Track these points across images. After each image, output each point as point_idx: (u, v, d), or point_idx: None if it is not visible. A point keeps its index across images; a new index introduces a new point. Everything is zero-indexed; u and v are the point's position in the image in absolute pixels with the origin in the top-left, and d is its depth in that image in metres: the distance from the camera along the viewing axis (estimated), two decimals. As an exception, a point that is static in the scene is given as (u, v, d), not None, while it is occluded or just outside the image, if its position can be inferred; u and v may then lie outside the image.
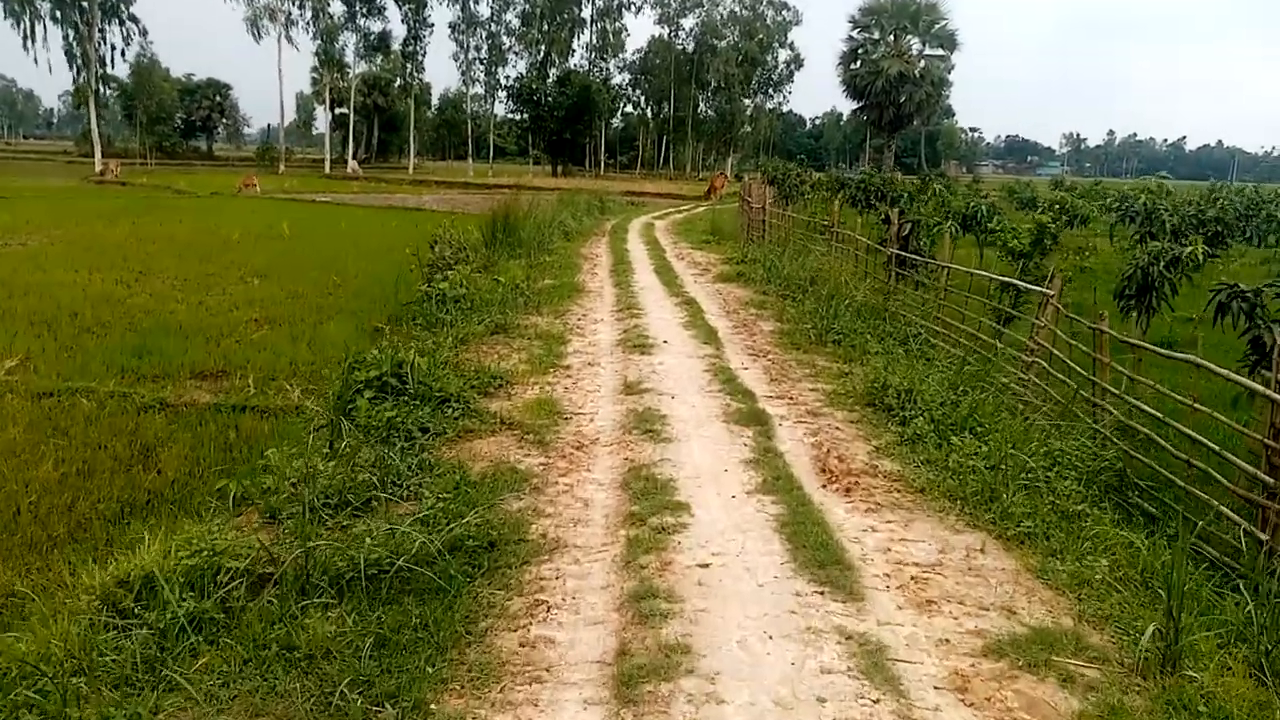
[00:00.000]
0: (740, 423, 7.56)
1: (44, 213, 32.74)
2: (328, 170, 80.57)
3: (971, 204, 19.60)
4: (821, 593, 4.50)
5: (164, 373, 12.27)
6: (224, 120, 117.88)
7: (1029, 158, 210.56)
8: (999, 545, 5.28)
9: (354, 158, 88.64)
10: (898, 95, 70.53)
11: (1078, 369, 8.43)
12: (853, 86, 73.59)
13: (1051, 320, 10.15)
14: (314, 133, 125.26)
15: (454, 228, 17.68)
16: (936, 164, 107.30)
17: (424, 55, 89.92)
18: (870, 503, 5.94)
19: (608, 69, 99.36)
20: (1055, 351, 9.43)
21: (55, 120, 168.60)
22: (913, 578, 4.73)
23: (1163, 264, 11.03)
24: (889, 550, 5.12)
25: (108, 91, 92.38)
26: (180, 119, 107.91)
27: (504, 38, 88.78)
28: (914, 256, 15.23)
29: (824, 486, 6.26)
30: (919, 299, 12.97)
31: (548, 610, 4.40)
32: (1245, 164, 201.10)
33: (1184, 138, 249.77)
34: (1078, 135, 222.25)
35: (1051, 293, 10.13)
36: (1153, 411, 6.90)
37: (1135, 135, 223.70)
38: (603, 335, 11.20)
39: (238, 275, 20.10)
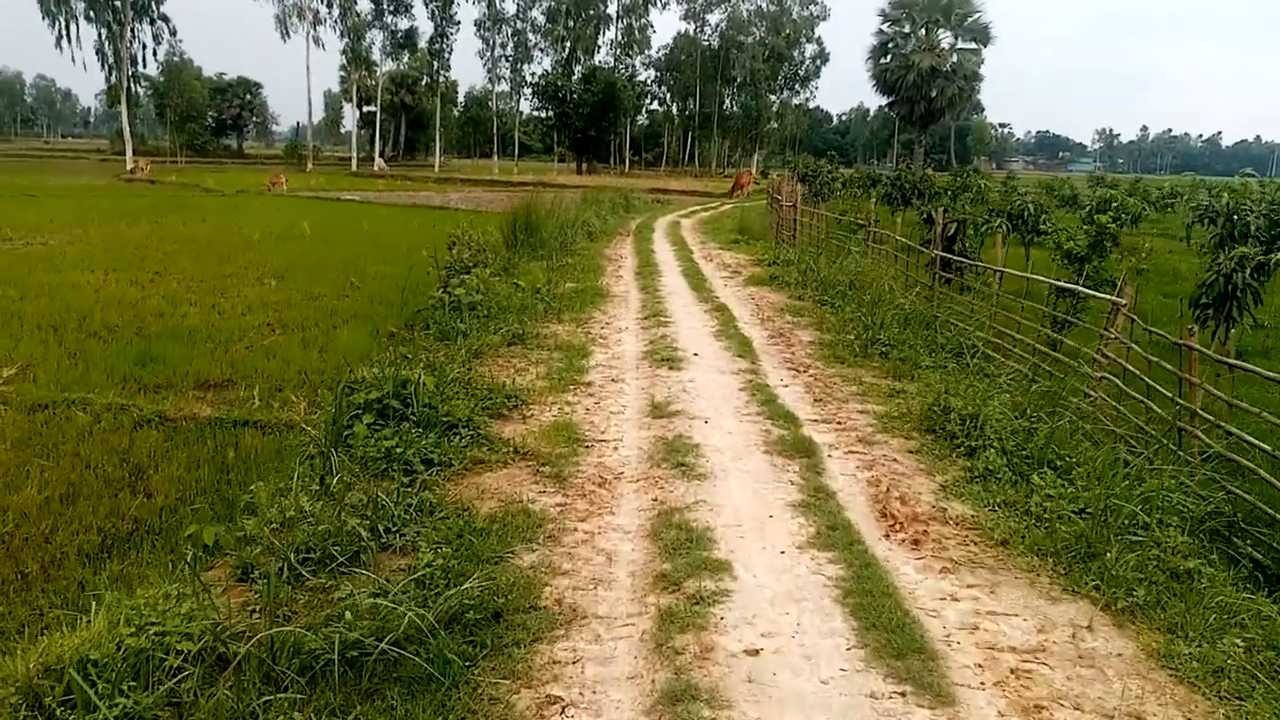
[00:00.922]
0: (784, 454, 6.67)
1: (69, 211, 32.47)
2: (354, 168, 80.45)
3: (1018, 202, 18.52)
4: (902, 693, 3.61)
5: (167, 382, 11.61)
6: (254, 119, 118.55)
7: (1060, 153, 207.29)
8: (1108, 620, 4.37)
9: (381, 155, 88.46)
10: (929, 90, 69.09)
11: (1160, 390, 7.48)
12: (883, 81, 72.20)
13: (1122, 331, 9.21)
14: (342, 131, 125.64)
15: (473, 228, 16.92)
16: (966, 160, 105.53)
17: (450, 53, 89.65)
18: (944, 559, 5.05)
19: (633, 66, 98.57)
20: (1129, 368, 8.47)
21: (92, 119, 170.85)
22: (1012, 670, 3.84)
23: (1248, 270, 10.00)
24: (977, 628, 4.22)
25: (140, 90, 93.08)
26: (212, 117, 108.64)
27: (529, 35, 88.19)
28: (961, 259, 14.26)
29: (887, 536, 5.37)
30: (967, 305, 12.01)
31: (562, 712, 3.56)
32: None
33: (1219, 133, 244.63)
34: (1110, 131, 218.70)
35: (1123, 301, 9.17)
36: (1261, 445, 5.96)
37: (1170, 130, 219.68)
38: (628, 346, 10.35)
39: (255, 276, 19.53)
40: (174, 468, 8.55)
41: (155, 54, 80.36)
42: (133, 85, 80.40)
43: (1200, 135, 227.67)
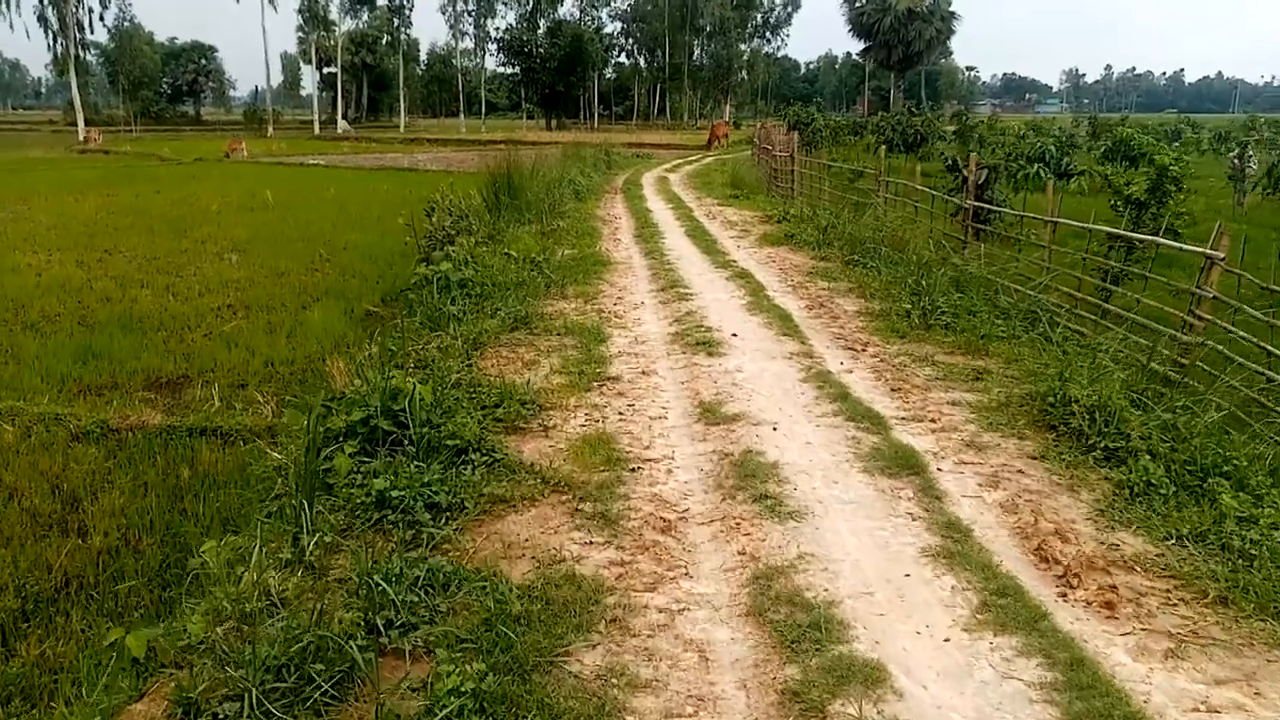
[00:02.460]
0: (886, 471, 5.24)
1: (13, 186, 30.32)
2: (317, 131, 77.68)
3: (1037, 144, 17.08)
4: None
5: (112, 382, 10.02)
6: (210, 84, 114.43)
7: (1027, 95, 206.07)
8: None
9: (344, 117, 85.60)
10: (907, 33, 67.20)
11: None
12: (859, 25, 70.21)
13: (1216, 288, 7.85)
14: (302, 94, 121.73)
15: (452, 191, 15.26)
16: (937, 105, 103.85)
17: (411, 9, 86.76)
18: (1158, 633, 3.66)
19: (599, 18, 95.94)
20: (1237, 333, 7.14)
21: (43, 90, 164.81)
22: None
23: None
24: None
25: (90, 58, 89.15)
26: (166, 84, 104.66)
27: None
28: (999, 209, 12.83)
29: (1063, 595, 3.98)
30: (1009, 260, 10.60)
31: None
32: (1247, 95, 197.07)
33: (1182, 70, 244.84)
34: (1076, 71, 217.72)
35: (1220, 254, 7.80)
36: None
37: (1134, 69, 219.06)
38: (650, 326, 8.84)
39: (214, 252, 17.81)
40: (115, 496, 7.05)
41: (103, 19, 76.81)
42: (81, 52, 76.91)
43: (1164, 73, 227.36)
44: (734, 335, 8.22)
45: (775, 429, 5.87)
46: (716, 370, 7.21)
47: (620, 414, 6.32)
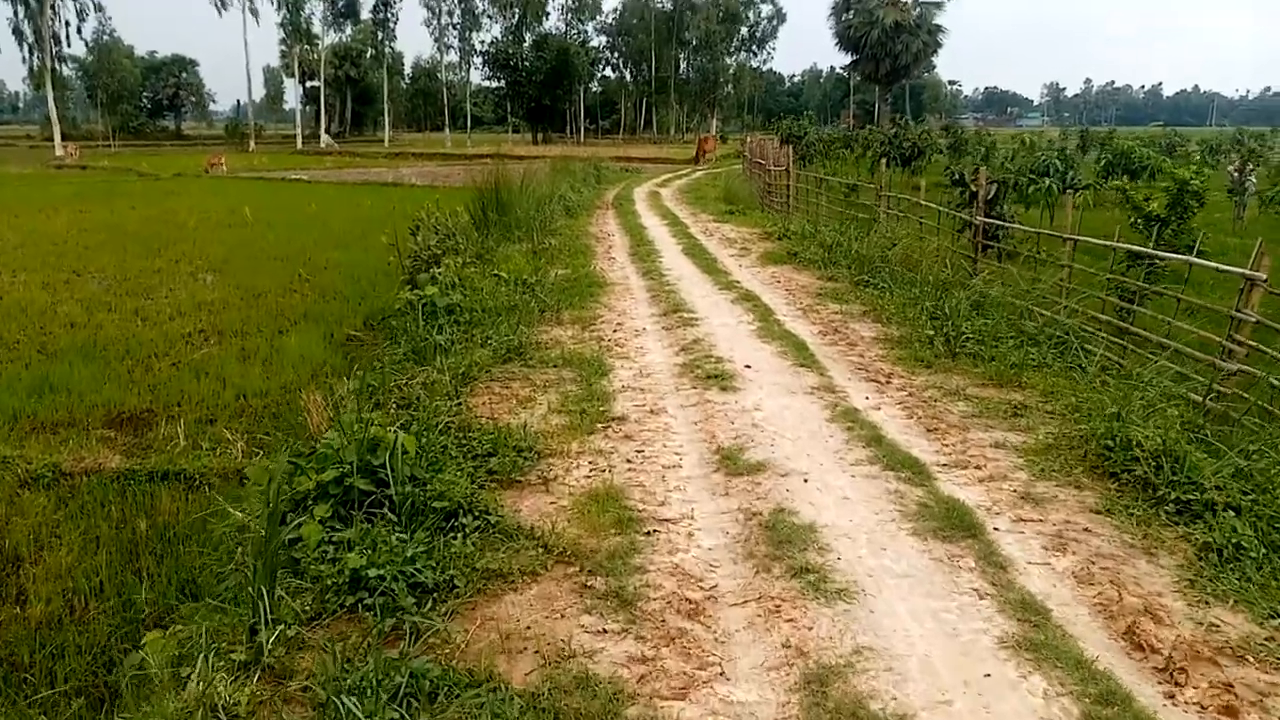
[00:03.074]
0: (938, 534, 4.58)
1: (-18, 204, 29.48)
2: (300, 146, 76.91)
3: (1042, 158, 16.56)
4: None
5: (69, 418, 9.26)
6: (191, 98, 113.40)
7: (1008, 109, 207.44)
8: None
9: (327, 132, 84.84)
10: (894, 46, 67.05)
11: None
12: (846, 39, 70.05)
13: (1257, 310, 7.28)
14: (286, 108, 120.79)
15: (438, 209, 14.57)
16: (921, 118, 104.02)
17: (395, 22, 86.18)
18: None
19: (585, 31, 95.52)
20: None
21: (21, 105, 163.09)
22: None
23: None
24: None
25: (68, 71, 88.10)
26: (147, 98, 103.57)
27: (477, 1, 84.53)
28: (1014, 225, 12.28)
29: (1171, 698, 3.32)
30: (1033, 280, 10.01)
31: None
32: (1223, 108, 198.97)
33: (1160, 83, 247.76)
34: (1057, 85, 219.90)
35: (1262, 275, 7.22)
36: None
37: (1113, 83, 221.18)
38: (654, 356, 8.16)
39: (188, 271, 17.07)
40: (62, 553, 6.32)
41: (80, 32, 75.89)
42: (58, 66, 75.90)
43: (1142, 86, 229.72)
44: (747, 367, 7.55)
45: (806, 481, 5.20)
46: (732, 408, 6.53)
47: (629, 462, 5.63)
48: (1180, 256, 9.05)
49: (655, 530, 4.70)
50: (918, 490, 5.07)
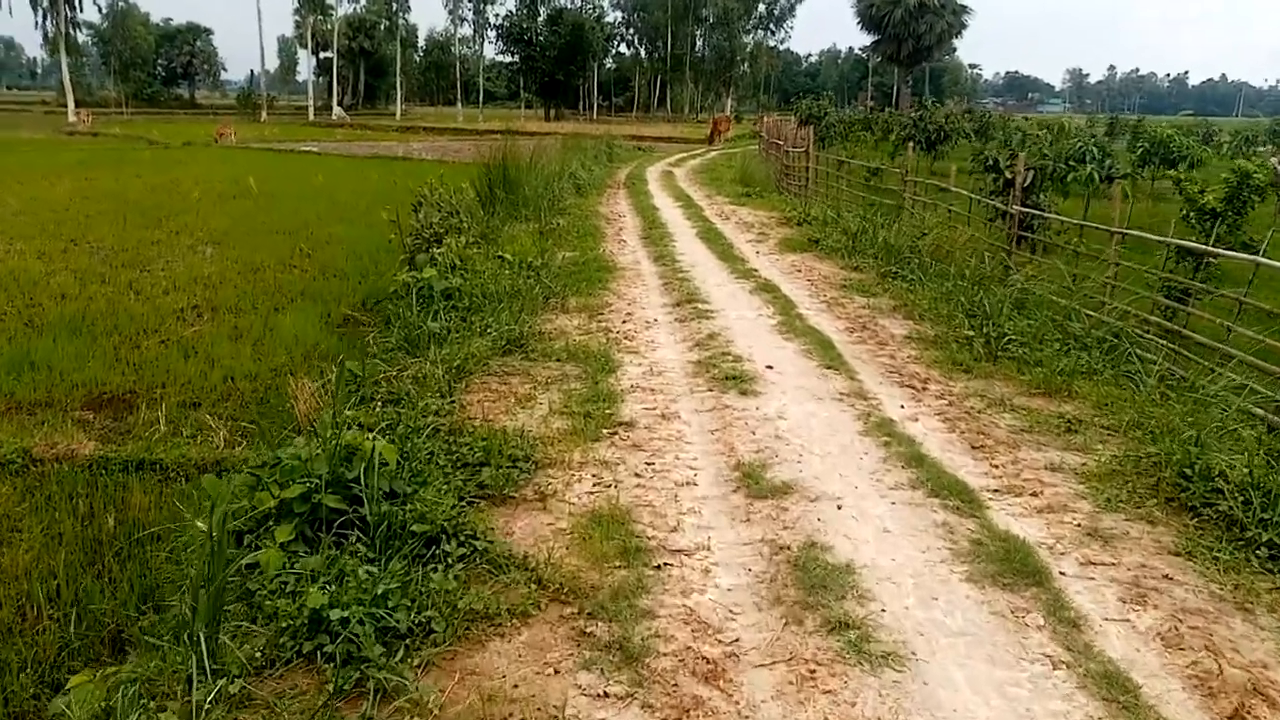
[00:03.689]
0: (997, 580, 3.92)
1: (-13, 168, 28.96)
2: (312, 117, 76.26)
3: (1077, 144, 15.77)
4: None
5: (47, 398, 8.70)
6: (205, 67, 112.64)
7: (1029, 94, 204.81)
8: None
9: (339, 103, 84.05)
10: (917, 26, 65.70)
11: None
12: (868, 18, 68.72)
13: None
14: (299, 79, 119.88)
15: (442, 185, 13.90)
16: (940, 101, 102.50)
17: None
18: None
19: (600, 6, 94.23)
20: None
21: (39, 70, 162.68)
22: None
23: None
24: None
25: (83, 38, 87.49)
26: (161, 66, 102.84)
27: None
28: (1053, 216, 11.53)
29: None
30: (1082, 276, 9.29)
31: None
32: (1251, 98, 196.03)
33: (1186, 72, 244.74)
34: (1080, 71, 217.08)
35: (1337, 278, 6.52)
36: None
37: (1137, 70, 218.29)
38: (666, 351, 7.50)
39: (187, 244, 16.49)
40: (21, 551, 5.76)
41: (95, -2, 75.21)
42: (72, 31, 75.27)
43: (1167, 74, 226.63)
44: (769, 367, 6.88)
45: (840, 507, 4.55)
46: (753, 415, 5.88)
47: (637, 476, 4.99)
48: (1247, 256, 8.32)
49: (666, 564, 4.06)
50: (969, 523, 4.42)
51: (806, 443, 5.38)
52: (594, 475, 5.00)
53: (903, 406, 6.20)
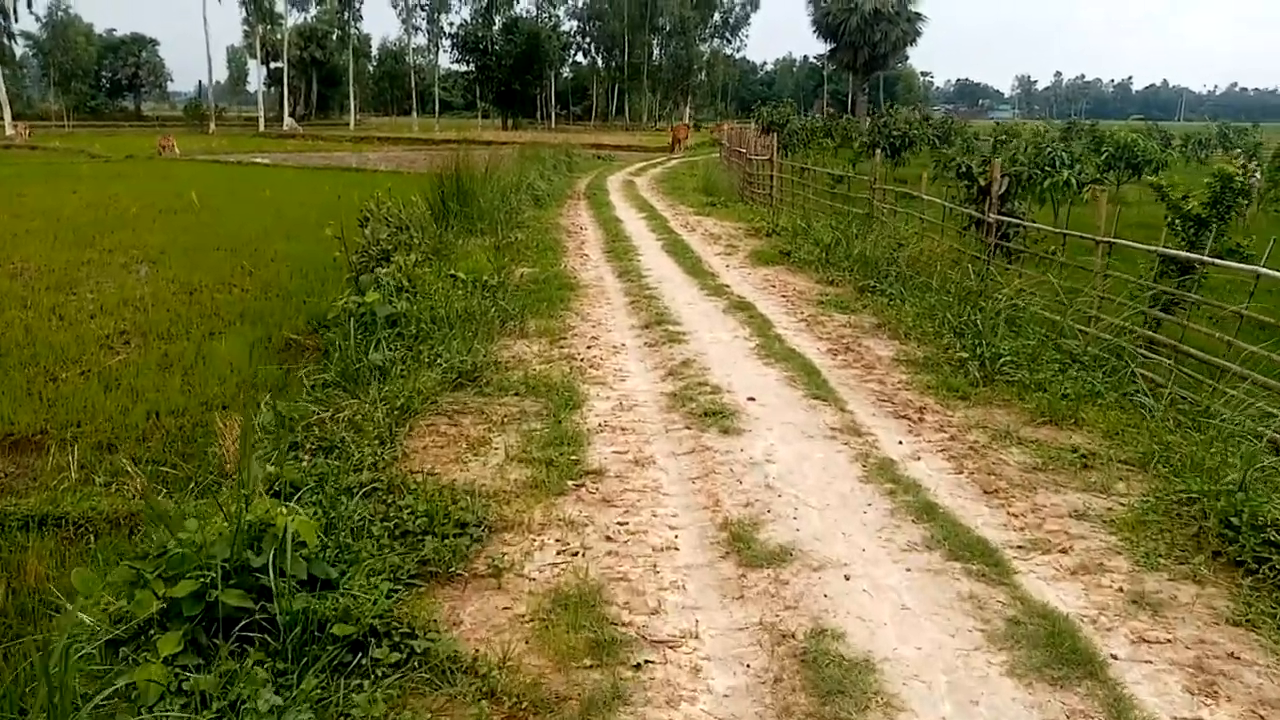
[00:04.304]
0: (1044, 675, 3.26)
1: (-92, 188, 27.50)
2: (262, 128, 74.57)
3: (1046, 150, 15.39)
4: None
5: (-57, 444, 7.82)
6: (151, 78, 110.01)
7: (979, 101, 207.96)
8: None
9: (291, 114, 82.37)
10: (873, 34, 65.82)
11: None
12: (824, 26, 68.76)
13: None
14: (249, 89, 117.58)
15: (391, 197, 13.11)
16: (894, 109, 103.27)
17: (361, 2, 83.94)
18: None
19: (556, 15, 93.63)
20: None
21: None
22: None
23: None
24: None
25: (20, 49, 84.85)
26: (106, 78, 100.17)
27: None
28: (1032, 224, 11.06)
29: None
30: (1064, 288, 8.76)
31: None
32: (1192, 103, 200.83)
33: (1130, 78, 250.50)
34: (1029, 78, 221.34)
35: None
36: None
37: (1083, 76, 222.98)
38: (637, 381, 6.79)
39: (121, 263, 15.49)
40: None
41: (30, 6, 72.97)
42: (7, 42, 73.00)
43: (1112, 80, 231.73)
44: (751, 399, 6.20)
45: (848, 578, 3.87)
46: (737, 459, 5.19)
47: (609, 539, 4.28)
48: (1247, 267, 7.83)
49: (648, 661, 3.35)
50: (998, 594, 3.77)
51: (801, 493, 4.71)
52: (558, 540, 4.28)
53: (901, 442, 5.56)
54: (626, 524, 4.44)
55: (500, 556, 4.10)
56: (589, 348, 7.69)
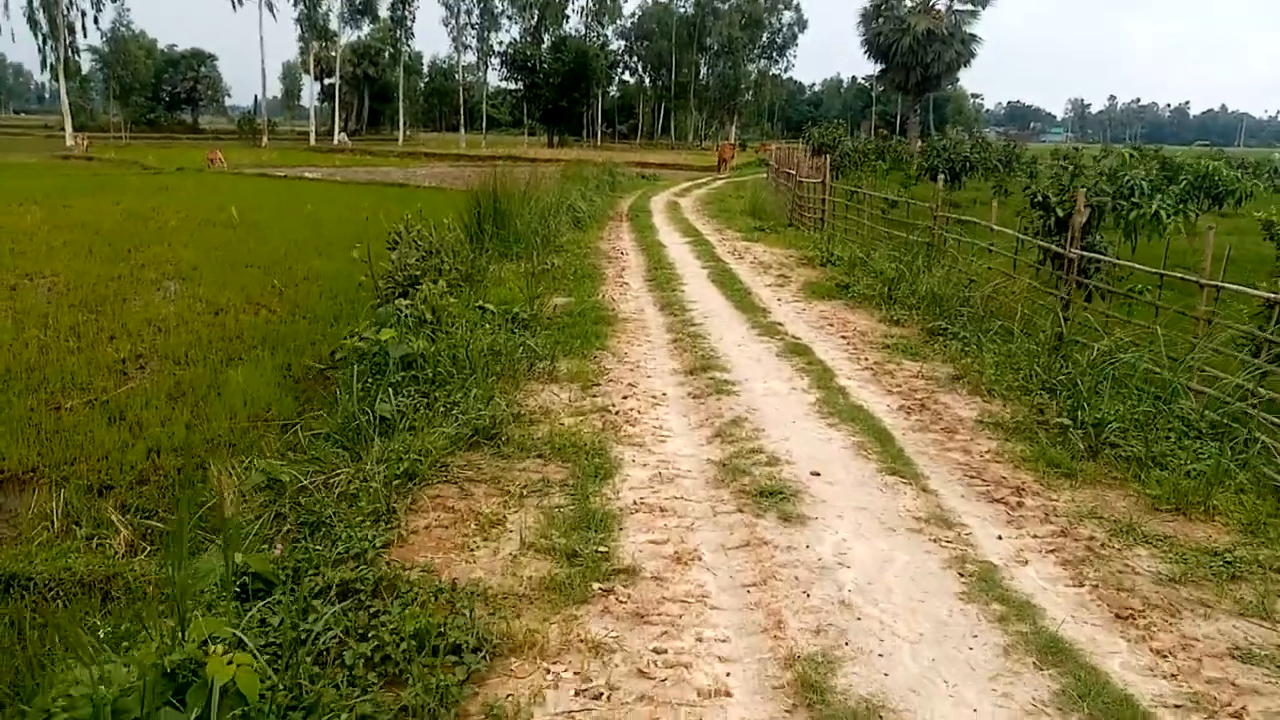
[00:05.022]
0: None
1: (-42, 195, 27.60)
2: (313, 142, 75.27)
3: (1125, 178, 14.21)
4: None
5: (-77, 484, 7.14)
6: (209, 92, 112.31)
7: (1030, 124, 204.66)
8: None
9: (344, 129, 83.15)
10: (925, 55, 64.37)
11: None
12: (875, 47, 67.44)
13: None
14: (303, 104, 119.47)
15: (423, 219, 12.39)
16: (941, 131, 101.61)
17: (413, 20, 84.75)
18: None
19: (604, 34, 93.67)
20: None
21: (46, 95, 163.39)
22: None
23: None
24: None
25: (88, 62, 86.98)
26: (166, 91, 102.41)
27: (496, 1, 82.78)
28: (1120, 261, 9.98)
29: None
30: (1160, 335, 7.64)
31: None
32: (1252, 128, 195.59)
33: (1187, 102, 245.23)
34: (1082, 101, 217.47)
35: None
36: None
37: (1139, 100, 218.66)
38: (679, 444, 5.87)
39: (151, 279, 14.96)
40: None
41: (97, 23, 74.70)
42: (73, 56, 74.60)
43: (1168, 105, 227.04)
44: (815, 474, 5.24)
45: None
46: (802, 558, 4.24)
47: (642, 675, 3.35)
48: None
49: None
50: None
51: (886, 615, 3.74)
52: (577, 674, 3.36)
53: (1000, 537, 4.56)
54: (665, 651, 3.51)
55: (500, 699, 3.19)
56: (625, 397, 6.78)
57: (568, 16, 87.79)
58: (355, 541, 4.20)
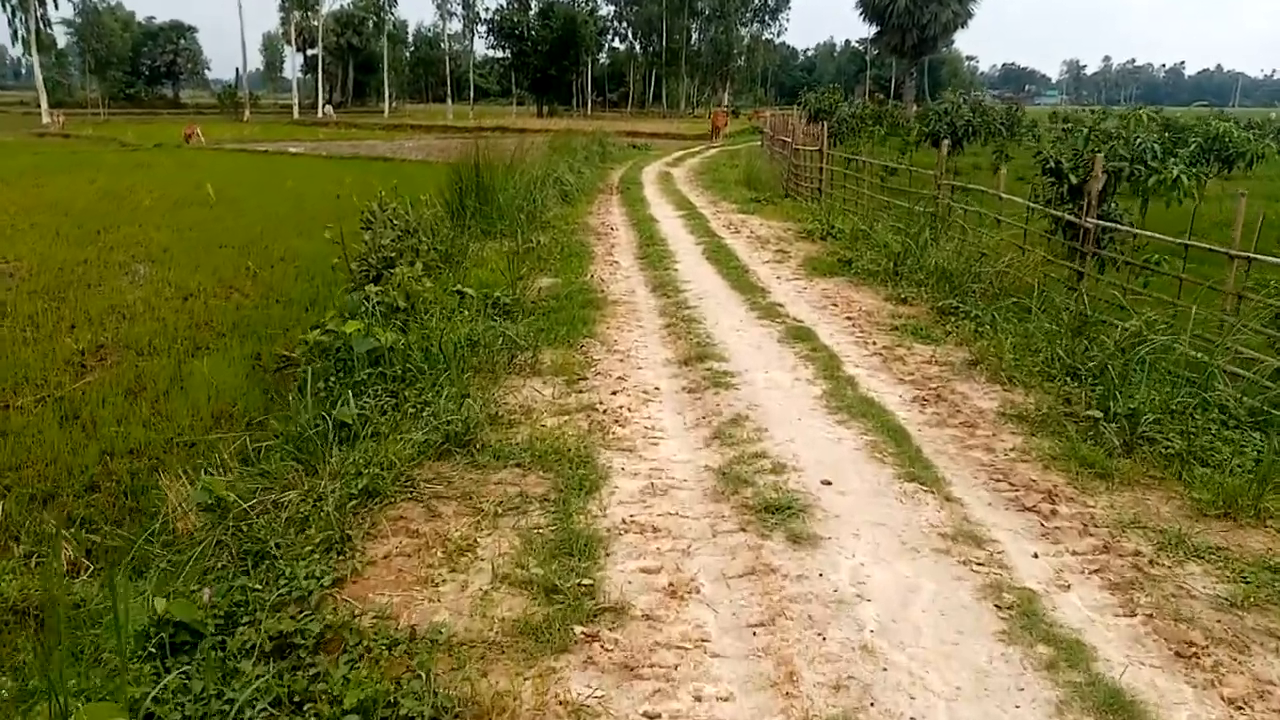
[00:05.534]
0: None
1: (-83, 177, 26.77)
2: (296, 116, 73.89)
3: (1139, 142, 13.56)
4: None
5: None
6: (189, 66, 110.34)
7: (1025, 86, 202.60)
8: None
9: (329, 102, 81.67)
10: (922, 16, 63.30)
11: None
12: (871, 8, 66.36)
13: None
14: (285, 76, 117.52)
15: (398, 196, 11.74)
16: (935, 95, 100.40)
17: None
18: None
19: (593, 0, 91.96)
20: None
21: (22, 70, 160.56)
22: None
23: None
24: None
25: (63, 37, 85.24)
26: (145, 65, 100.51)
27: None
28: (1138, 231, 9.42)
29: None
30: (1201, 316, 7.07)
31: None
32: (1247, 88, 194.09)
33: (1182, 62, 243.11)
34: (1077, 62, 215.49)
35: None
36: None
37: (1133, 61, 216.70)
38: (673, 447, 5.30)
39: (119, 261, 14.35)
40: None
41: (67, -7, 73.08)
42: (44, 29, 72.89)
43: (1163, 65, 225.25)
44: (825, 484, 4.69)
45: None
46: (815, 590, 3.69)
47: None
48: None
49: None
50: None
51: (915, 663, 3.20)
52: (553, 752, 2.82)
53: (1036, 555, 4.03)
54: (658, 716, 2.97)
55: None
56: (614, 393, 6.20)
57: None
58: (300, 580, 3.65)
